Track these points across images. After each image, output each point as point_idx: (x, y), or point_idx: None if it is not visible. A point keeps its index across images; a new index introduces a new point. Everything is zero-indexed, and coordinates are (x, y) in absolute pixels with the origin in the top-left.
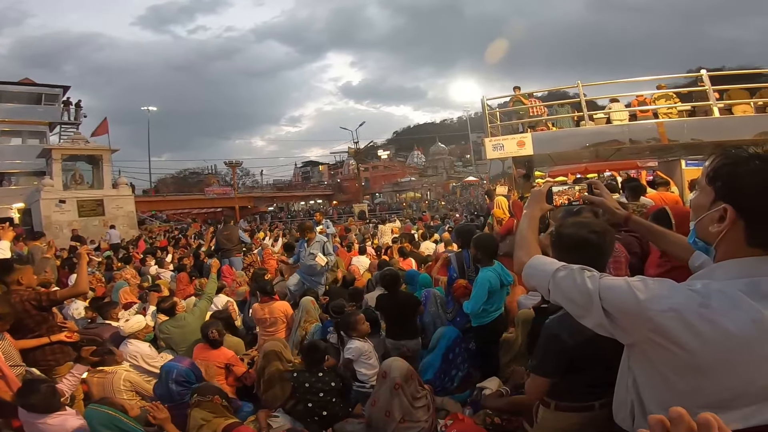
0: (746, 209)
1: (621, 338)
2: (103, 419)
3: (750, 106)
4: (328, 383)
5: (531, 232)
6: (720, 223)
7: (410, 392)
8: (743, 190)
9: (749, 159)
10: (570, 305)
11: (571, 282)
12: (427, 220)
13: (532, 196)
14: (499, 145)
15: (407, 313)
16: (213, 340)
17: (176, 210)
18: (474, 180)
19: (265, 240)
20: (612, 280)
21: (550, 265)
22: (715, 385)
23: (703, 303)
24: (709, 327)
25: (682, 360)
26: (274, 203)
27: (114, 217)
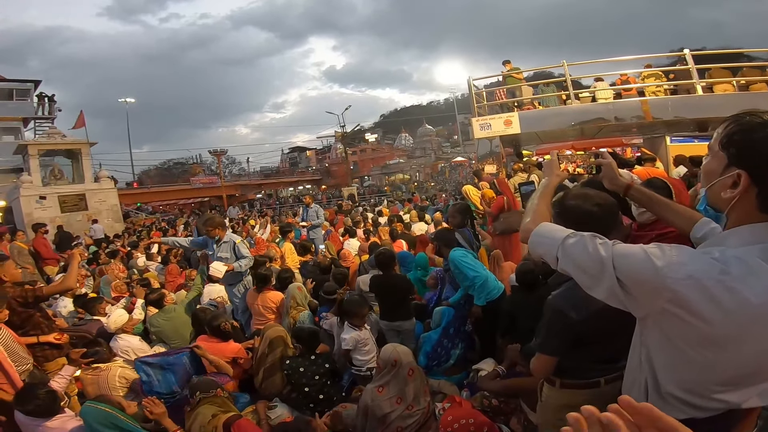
0: (760, 175)
1: (634, 310)
2: (100, 417)
3: (732, 85)
4: (322, 365)
5: (543, 200)
6: (733, 189)
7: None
8: (758, 156)
9: (763, 125)
10: (579, 274)
11: (582, 249)
12: (417, 201)
13: (546, 166)
14: (486, 124)
15: (401, 295)
16: (225, 332)
17: (162, 201)
18: (462, 160)
19: (256, 228)
20: (626, 247)
21: (559, 233)
22: (733, 359)
23: (723, 270)
24: (728, 296)
25: (700, 332)
26: (262, 190)
27: (98, 211)
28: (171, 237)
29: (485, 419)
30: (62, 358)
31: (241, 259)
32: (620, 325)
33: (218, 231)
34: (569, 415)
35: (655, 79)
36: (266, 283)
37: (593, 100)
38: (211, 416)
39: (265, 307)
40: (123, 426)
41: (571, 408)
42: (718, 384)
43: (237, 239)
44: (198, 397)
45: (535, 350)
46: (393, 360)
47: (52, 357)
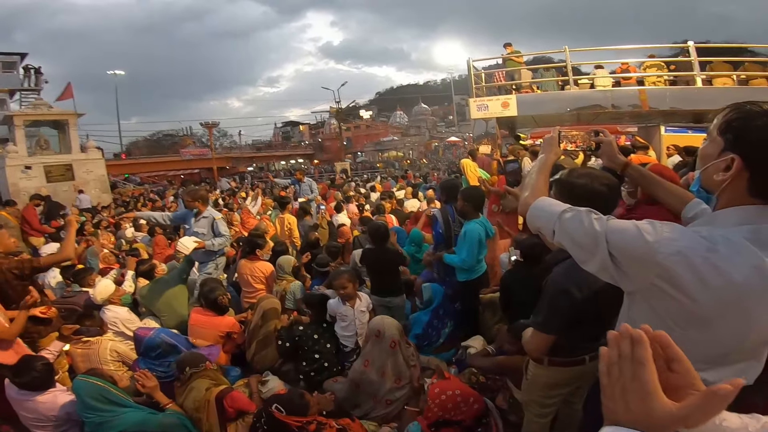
0: (753, 160)
1: (624, 284)
2: (92, 390)
3: (732, 79)
4: (332, 333)
5: (541, 175)
6: (725, 172)
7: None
8: (752, 143)
9: (761, 114)
10: (574, 248)
11: (577, 223)
12: (410, 178)
13: (545, 142)
14: (483, 105)
15: (392, 269)
16: (221, 305)
17: (151, 172)
18: (456, 140)
19: (247, 201)
20: (620, 222)
21: (556, 207)
22: (716, 338)
23: (710, 248)
24: (714, 273)
25: (686, 309)
26: (254, 163)
27: (84, 181)
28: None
29: (472, 391)
30: (55, 333)
31: (217, 237)
32: (615, 303)
33: (198, 204)
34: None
35: (657, 69)
36: (256, 248)
37: (592, 87)
38: (205, 390)
39: (254, 277)
40: (115, 399)
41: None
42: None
43: (217, 216)
44: (189, 372)
45: (534, 328)
46: (377, 330)
47: (46, 333)
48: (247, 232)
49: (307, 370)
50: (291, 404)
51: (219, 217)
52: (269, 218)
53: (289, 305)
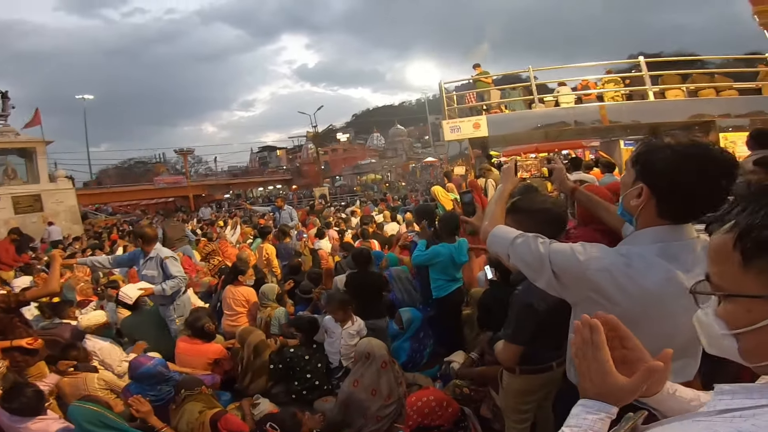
0: (657, 189)
1: (567, 297)
2: (89, 416)
3: (682, 90)
4: (323, 354)
5: (499, 205)
6: (638, 199)
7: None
8: (655, 173)
9: (663, 148)
10: (526, 268)
11: (527, 247)
12: (390, 201)
13: (503, 173)
14: (456, 127)
15: (376, 292)
16: (208, 332)
17: (123, 202)
18: (433, 161)
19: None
20: (559, 245)
21: (510, 233)
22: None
23: (627, 263)
24: (631, 283)
25: (613, 313)
26: (231, 190)
27: (54, 212)
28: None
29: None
30: (42, 363)
31: (168, 280)
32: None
33: (141, 244)
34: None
35: (615, 84)
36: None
37: (557, 105)
38: (198, 412)
39: (235, 300)
40: (111, 424)
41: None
42: None
43: (166, 254)
44: (183, 395)
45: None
46: (366, 353)
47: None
48: (229, 261)
49: (299, 389)
50: (284, 423)
51: (168, 257)
52: (249, 246)
53: (274, 330)
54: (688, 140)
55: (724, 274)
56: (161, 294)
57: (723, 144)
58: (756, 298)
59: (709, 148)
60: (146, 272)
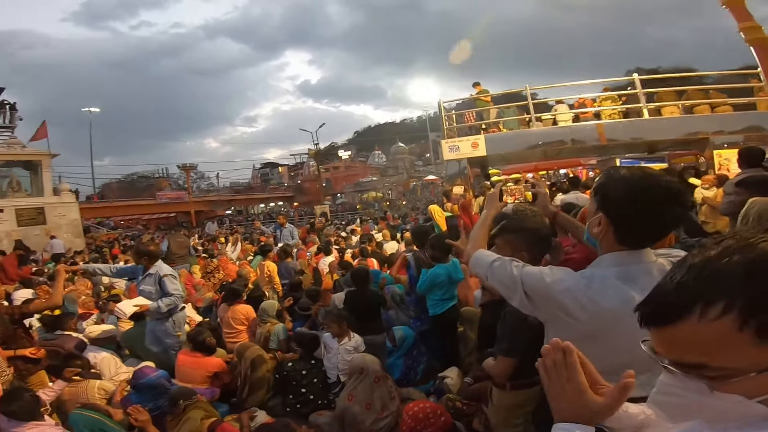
0: (613, 217)
1: (538, 315)
2: (89, 423)
3: (678, 107)
4: (320, 369)
5: (482, 229)
6: (599, 227)
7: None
8: (611, 203)
9: (619, 180)
10: (502, 288)
11: (503, 270)
12: (390, 220)
13: (488, 199)
14: (455, 146)
15: (374, 310)
16: (209, 346)
17: (125, 216)
18: (434, 179)
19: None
20: (531, 268)
21: (489, 257)
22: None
23: (588, 285)
24: (590, 303)
25: (577, 329)
26: (232, 206)
27: (57, 225)
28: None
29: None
30: (42, 372)
31: (164, 297)
32: None
33: (144, 261)
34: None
35: (612, 102)
36: (236, 297)
37: (554, 123)
38: (200, 420)
39: (234, 319)
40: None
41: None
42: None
43: (165, 272)
44: (182, 405)
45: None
46: (360, 367)
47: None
48: (230, 277)
49: (294, 403)
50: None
51: (167, 274)
52: (249, 263)
53: (273, 345)
54: (641, 172)
55: (733, 357)
56: (156, 311)
57: (717, 161)
58: None
59: (659, 179)
60: (144, 287)
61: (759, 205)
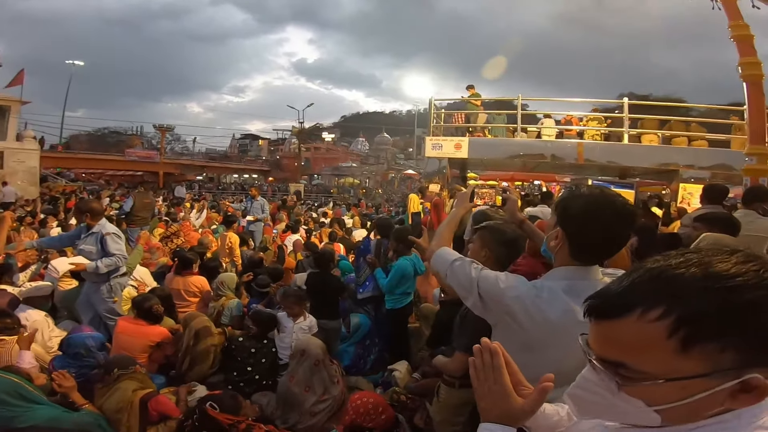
0: (569, 233)
1: (488, 317)
2: (7, 386)
3: (657, 136)
4: (270, 349)
5: (448, 228)
6: (556, 240)
7: (327, 368)
8: (568, 219)
9: (577, 197)
10: (459, 287)
11: (462, 270)
12: (363, 208)
13: (459, 198)
14: (438, 144)
15: (333, 294)
16: (156, 314)
17: (88, 169)
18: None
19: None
20: (488, 272)
21: (450, 256)
22: (541, 360)
23: (537, 295)
24: (537, 312)
25: (520, 336)
26: (204, 173)
27: (13, 171)
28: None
29: (384, 402)
30: None
31: (105, 258)
32: None
33: (87, 218)
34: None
35: (597, 123)
36: (188, 266)
37: (538, 136)
38: (131, 391)
39: (187, 291)
40: (28, 396)
41: (465, 405)
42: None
43: (109, 230)
44: (116, 373)
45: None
46: (302, 350)
47: None
48: (189, 245)
49: (237, 381)
50: (223, 403)
51: (110, 233)
52: (212, 232)
53: (225, 320)
54: (599, 192)
55: (651, 361)
56: (94, 271)
57: (681, 194)
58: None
59: (614, 201)
60: (84, 247)
61: (710, 240)
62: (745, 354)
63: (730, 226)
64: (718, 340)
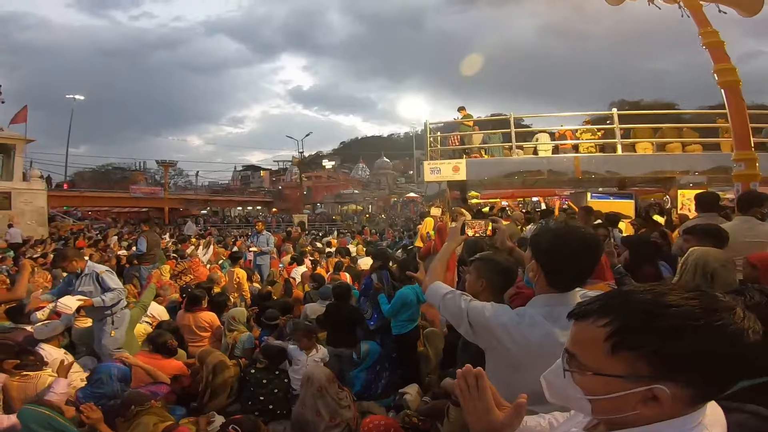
0: (542, 265)
1: (479, 343)
2: (39, 419)
3: (651, 144)
4: (282, 380)
5: (441, 262)
6: (533, 272)
7: (333, 393)
8: (540, 252)
9: (546, 232)
10: (451, 318)
11: (453, 302)
12: (367, 235)
13: (450, 232)
14: (436, 168)
15: (350, 324)
16: (170, 348)
17: (94, 207)
18: (415, 196)
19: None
20: (476, 303)
21: (442, 289)
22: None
23: (519, 321)
24: (520, 336)
25: (507, 358)
26: (209, 207)
27: (21, 212)
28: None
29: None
30: None
31: (106, 293)
32: None
33: (74, 263)
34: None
35: (591, 135)
36: (197, 303)
37: (535, 152)
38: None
39: (198, 326)
40: (60, 428)
41: None
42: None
43: (101, 269)
44: (134, 410)
45: None
46: (307, 377)
47: None
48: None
49: (252, 410)
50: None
51: (103, 271)
52: (220, 268)
53: (237, 353)
54: (564, 226)
55: (590, 356)
56: (101, 305)
57: (680, 201)
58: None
59: (579, 233)
60: (83, 289)
61: (696, 255)
62: (657, 367)
63: (719, 239)
64: (637, 350)
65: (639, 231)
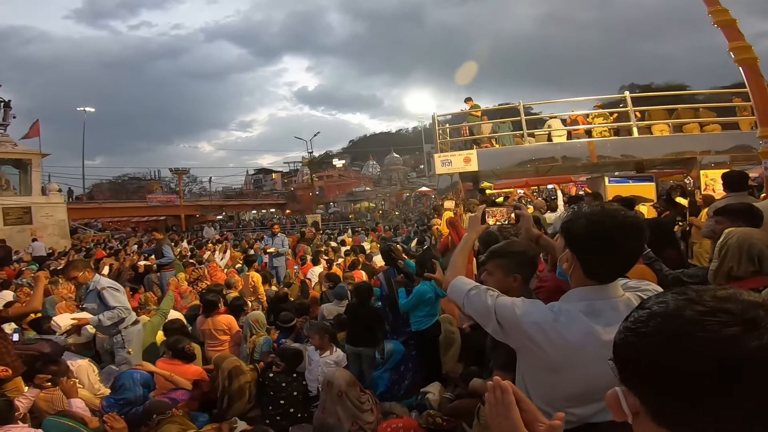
0: (578, 253)
1: (510, 343)
2: (63, 430)
3: (668, 125)
4: (300, 383)
5: (462, 254)
6: (567, 263)
7: (354, 397)
8: (574, 239)
9: (580, 217)
10: (477, 316)
11: (478, 299)
12: (381, 232)
13: (470, 222)
14: (447, 161)
15: (370, 324)
16: (189, 354)
17: (114, 218)
18: (427, 190)
19: (216, 254)
20: (504, 299)
21: (466, 285)
22: (566, 380)
23: (555, 318)
24: (556, 335)
25: (543, 359)
26: (223, 212)
27: (43, 226)
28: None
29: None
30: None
31: (106, 311)
32: None
33: (80, 276)
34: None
35: (603, 119)
36: (214, 308)
37: (549, 139)
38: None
39: (216, 330)
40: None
41: None
42: (563, 400)
43: (103, 284)
44: (156, 419)
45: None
46: (327, 381)
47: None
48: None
49: (273, 414)
50: None
51: (105, 287)
52: (237, 272)
53: (257, 357)
54: (600, 209)
55: None
56: (97, 325)
57: (703, 182)
58: None
59: (617, 215)
60: (86, 305)
61: (738, 237)
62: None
63: (753, 218)
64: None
65: (662, 214)
